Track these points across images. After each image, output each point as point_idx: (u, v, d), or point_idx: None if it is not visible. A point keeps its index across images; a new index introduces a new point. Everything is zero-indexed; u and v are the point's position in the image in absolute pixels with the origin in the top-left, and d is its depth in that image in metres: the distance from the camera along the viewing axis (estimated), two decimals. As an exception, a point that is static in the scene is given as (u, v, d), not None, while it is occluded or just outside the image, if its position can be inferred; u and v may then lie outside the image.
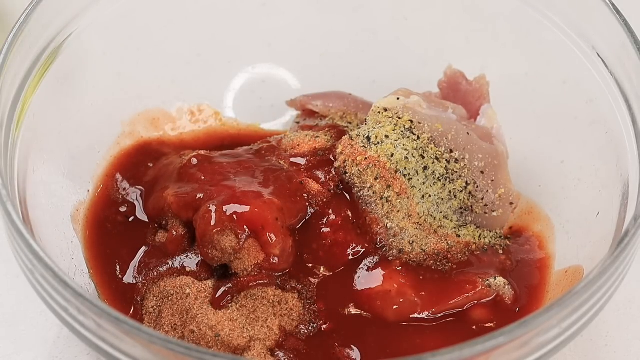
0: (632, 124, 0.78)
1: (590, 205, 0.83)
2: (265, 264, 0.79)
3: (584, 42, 0.84)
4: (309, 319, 0.79)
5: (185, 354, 0.63)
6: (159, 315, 0.78)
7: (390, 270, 0.81)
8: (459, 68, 0.89)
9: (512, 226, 0.87)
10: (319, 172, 0.82)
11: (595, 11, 0.82)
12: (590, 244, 0.81)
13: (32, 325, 0.84)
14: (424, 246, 0.82)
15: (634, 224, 0.71)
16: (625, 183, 0.77)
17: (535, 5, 0.88)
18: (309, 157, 0.83)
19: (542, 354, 0.69)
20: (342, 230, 0.81)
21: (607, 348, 0.84)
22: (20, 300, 0.85)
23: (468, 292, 0.80)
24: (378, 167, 0.81)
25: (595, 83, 0.83)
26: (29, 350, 0.82)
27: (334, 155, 0.83)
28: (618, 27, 0.80)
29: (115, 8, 0.89)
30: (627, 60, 0.80)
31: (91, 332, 0.68)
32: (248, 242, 0.79)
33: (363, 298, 0.80)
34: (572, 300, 0.67)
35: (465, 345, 0.64)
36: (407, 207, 0.82)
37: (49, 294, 0.69)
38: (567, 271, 0.82)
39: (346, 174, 0.82)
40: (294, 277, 0.80)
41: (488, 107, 0.88)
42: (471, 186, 0.83)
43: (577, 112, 0.86)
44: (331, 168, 0.82)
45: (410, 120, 0.83)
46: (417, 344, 0.78)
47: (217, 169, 0.83)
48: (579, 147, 0.86)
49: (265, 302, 0.79)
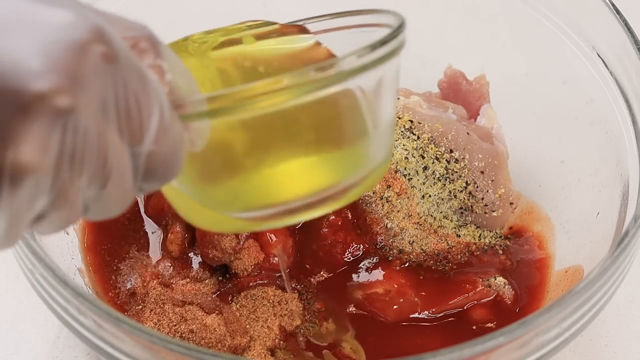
0: (632, 124, 0.78)
1: (590, 205, 0.83)
2: (265, 264, 0.79)
3: (584, 42, 0.84)
4: (309, 319, 0.79)
5: (185, 354, 0.63)
6: (159, 315, 0.78)
7: (390, 270, 0.81)
8: (459, 68, 0.89)
9: (512, 226, 0.87)
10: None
11: (595, 11, 0.82)
12: (590, 244, 0.81)
13: (32, 325, 0.84)
14: (424, 246, 0.82)
15: (634, 224, 0.71)
16: (625, 183, 0.77)
17: (535, 5, 0.88)
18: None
19: (542, 354, 0.69)
20: (342, 231, 0.81)
21: (607, 348, 0.84)
22: (20, 300, 0.85)
23: (468, 292, 0.80)
24: (378, 167, 0.81)
25: (595, 83, 0.83)
26: (29, 350, 0.82)
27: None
28: (618, 27, 0.80)
29: (116, 8, 0.88)
30: (627, 60, 0.80)
31: (91, 332, 0.67)
32: (248, 242, 0.79)
33: (363, 298, 0.80)
34: (572, 300, 0.67)
35: (465, 345, 0.64)
36: (407, 207, 0.82)
37: (49, 294, 0.69)
38: (567, 271, 0.82)
39: (346, 174, 0.82)
40: (294, 277, 0.80)
41: (488, 107, 0.88)
42: (471, 186, 0.83)
43: (577, 112, 0.86)
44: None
45: (410, 120, 0.83)
46: (417, 344, 0.78)
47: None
48: (579, 147, 0.86)
49: (265, 302, 0.79)
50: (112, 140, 0.53)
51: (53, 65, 0.50)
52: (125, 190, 0.55)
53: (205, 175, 0.62)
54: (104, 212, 0.56)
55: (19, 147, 0.49)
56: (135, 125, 0.53)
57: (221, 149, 0.60)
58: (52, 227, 0.54)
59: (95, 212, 0.55)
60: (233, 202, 0.63)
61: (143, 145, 0.54)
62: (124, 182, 0.54)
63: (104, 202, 0.54)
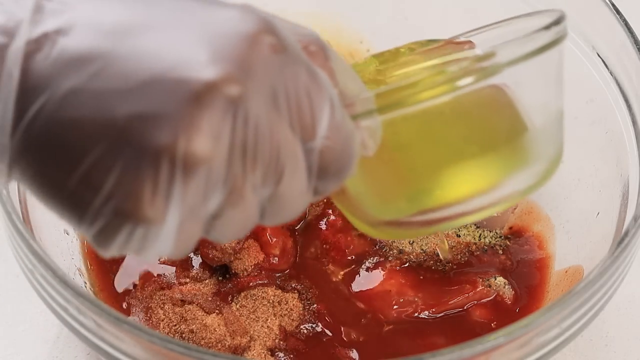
0: (632, 124, 0.78)
1: (590, 205, 0.83)
2: (265, 264, 0.79)
3: (584, 42, 0.84)
4: (309, 319, 0.79)
5: (185, 354, 0.63)
6: (159, 315, 0.78)
7: (390, 270, 0.81)
8: (459, 68, 0.89)
9: (512, 226, 0.86)
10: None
11: (595, 11, 0.82)
12: (590, 244, 0.81)
13: (32, 325, 0.84)
14: (424, 246, 0.82)
15: (634, 224, 0.71)
16: (625, 183, 0.77)
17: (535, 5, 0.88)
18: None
19: (542, 354, 0.69)
20: (342, 231, 0.81)
21: (607, 348, 0.84)
22: (20, 300, 0.85)
23: (468, 292, 0.80)
24: (378, 167, 0.81)
25: (595, 83, 0.83)
26: (29, 350, 0.82)
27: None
28: (618, 27, 0.80)
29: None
30: (627, 60, 0.80)
31: (91, 332, 0.67)
32: (248, 243, 0.79)
33: (363, 298, 0.80)
34: (572, 300, 0.67)
35: (465, 345, 0.64)
36: (407, 207, 0.81)
37: (49, 294, 0.69)
38: (567, 271, 0.82)
39: (346, 174, 0.81)
40: (293, 277, 0.80)
41: (488, 107, 0.88)
42: (471, 186, 0.83)
43: (577, 112, 0.86)
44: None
45: (410, 120, 0.83)
46: (417, 344, 0.78)
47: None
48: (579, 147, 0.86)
49: (265, 302, 0.79)
50: (284, 133, 0.52)
51: (223, 55, 0.50)
52: (300, 189, 0.54)
53: (378, 180, 0.62)
54: (280, 214, 0.55)
55: (191, 136, 0.49)
56: (306, 119, 0.53)
57: (390, 153, 0.60)
58: (230, 230, 0.53)
59: (272, 215, 0.55)
60: (408, 205, 0.62)
61: (315, 141, 0.53)
62: (299, 179, 0.53)
63: (280, 202, 0.54)
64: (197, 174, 0.50)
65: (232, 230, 0.54)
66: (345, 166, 0.56)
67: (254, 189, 0.52)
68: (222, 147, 0.50)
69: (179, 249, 0.53)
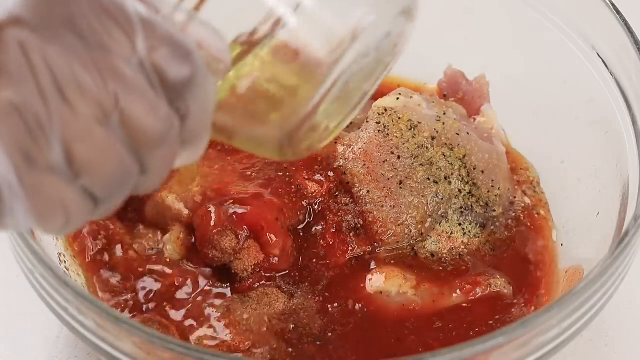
0: (632, 124, 0.78)
1: (590, 205, 0.83)
2: (265, 264, 0.79)
3: (584, 42, 0.84)
4: (309, 319, 0.79)
5: (185, 353, 0.63)
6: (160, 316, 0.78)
7: (390, 270, 0.81)
8: (459, 68, 0.89)
9: (512, 226, 0.86)
10: (318, 172, 0.82)
11: (595, 11, 0.82)
12: (590, 244, 0.81)
13: (32, 325, 0.84)
14: (425, 246, 0.82)
15: (634, 224, 0.71)
16: (625, 183, 0.77)
17: (535, 5, 0.88)
18: (308, 158, 0.83)
19: (542, 354, 0.69)
20: (341, 231, 0.81)
21: (607, 348, 0.84)
22: (20, 300, 0.85)
23: (468, 292, 0.80)
24: (378, 167, 0.81)
25: (595, 83, 0.83)
26: (29, 350, 0.82)
27: (334, 155, 0.83)
28: (618, 27, 0.80)
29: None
30: (627, 60, 0.80)
31: (91, 332, 0.67)
32: (248, 243, 0.79)
33: (363, 298, 0.80)
34: (572, 300, 0.67)
35: (465, 345, 0.64)
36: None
37: (49, 294, 0.69)
38: (567, 271, 0.82)
39: (345, 174, 0.81)
40: (293, 277, 0.80)
41: (488, 107, 0.88)
42: (471, 186, 0.83)
43: (577, 112, 0.86)
44: (331, 168, 0.82)
45: (410, 120, 0.83)
46: (417, 344, 0.78)
47: (217, 169, 0.83)
48: (579, 147, 0.86)
49: (265, 302, 0.79)
50: (95, 57, 0.50)
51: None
52: (147, 105, 0.51)
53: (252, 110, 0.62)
54: (144, 137, 0.51)
55: None
56: (118, 36, 0.51)
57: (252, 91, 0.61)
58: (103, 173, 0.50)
59: (140, 142, 0.51)
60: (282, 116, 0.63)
61: (138, 53, 0.51)
62: (140, 94, 0.51)
63: (134, 124, 0.51)
64: (6, 119, 0.48)
65: (105, 172, 0.51)
66: (186, 70, 0.53)
67: (96, 120, 0.50)
68: (27, 87, 0.48)
69: (44, 211, 0.50)
